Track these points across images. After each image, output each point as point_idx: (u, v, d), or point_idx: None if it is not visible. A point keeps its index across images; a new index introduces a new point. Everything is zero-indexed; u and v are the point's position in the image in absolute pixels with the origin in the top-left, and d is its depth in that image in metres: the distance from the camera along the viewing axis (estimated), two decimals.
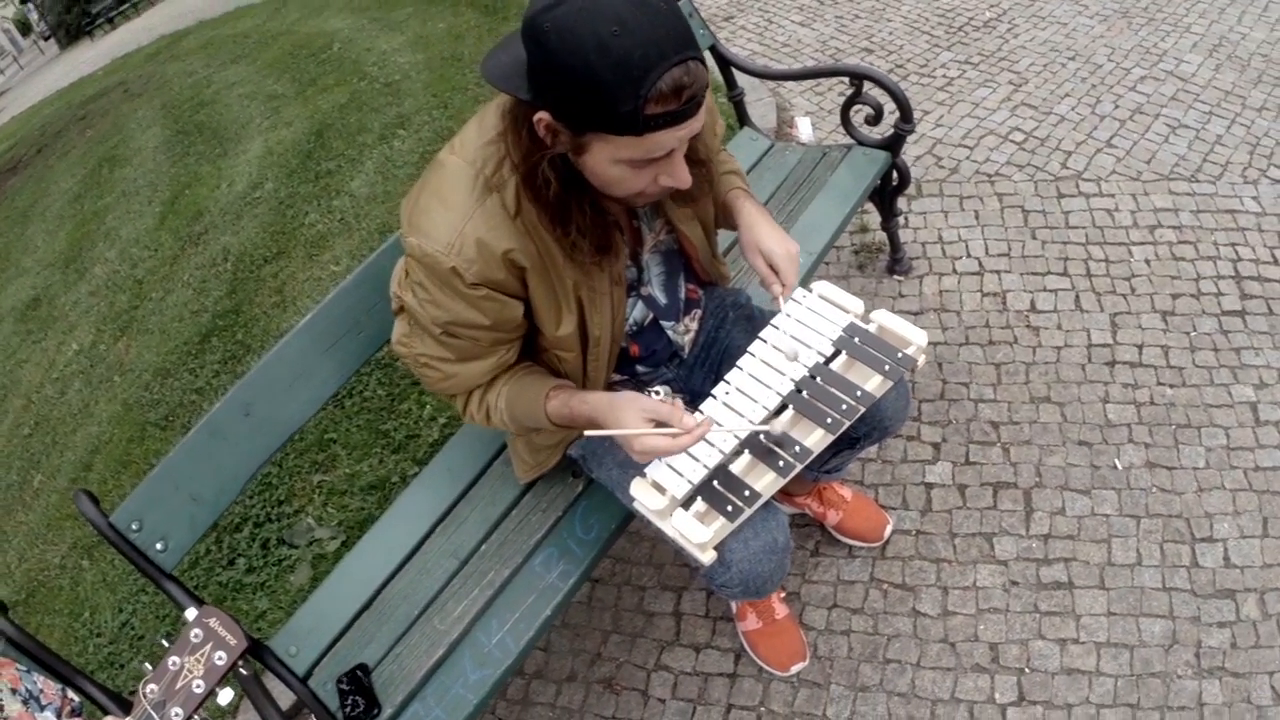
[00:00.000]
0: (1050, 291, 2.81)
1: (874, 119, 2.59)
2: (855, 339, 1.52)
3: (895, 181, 2.72)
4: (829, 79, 4.02)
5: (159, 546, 1.67)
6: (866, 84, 2.57)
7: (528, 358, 1.61)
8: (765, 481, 1.42)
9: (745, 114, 3.01)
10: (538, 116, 1.22)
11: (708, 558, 1.42)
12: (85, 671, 1.48)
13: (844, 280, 3.01)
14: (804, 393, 1.48)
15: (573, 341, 1.53)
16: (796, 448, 1.42)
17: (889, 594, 2.20)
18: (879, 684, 2.06)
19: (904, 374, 1.50)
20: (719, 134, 1.72)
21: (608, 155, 1.24)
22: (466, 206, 1.34)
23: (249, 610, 2.64)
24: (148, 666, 1.04)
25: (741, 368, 1.55)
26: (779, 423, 1.46)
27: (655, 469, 1.46)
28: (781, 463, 1.42)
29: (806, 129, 3.79)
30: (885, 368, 1.47)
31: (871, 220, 3.09)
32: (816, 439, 1.44)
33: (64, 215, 6.50)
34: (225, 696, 1.04)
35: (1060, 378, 2.56)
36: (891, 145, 2.61)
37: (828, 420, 1.43)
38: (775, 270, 1.58)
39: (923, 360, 1.50)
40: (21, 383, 4.53)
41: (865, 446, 1.82)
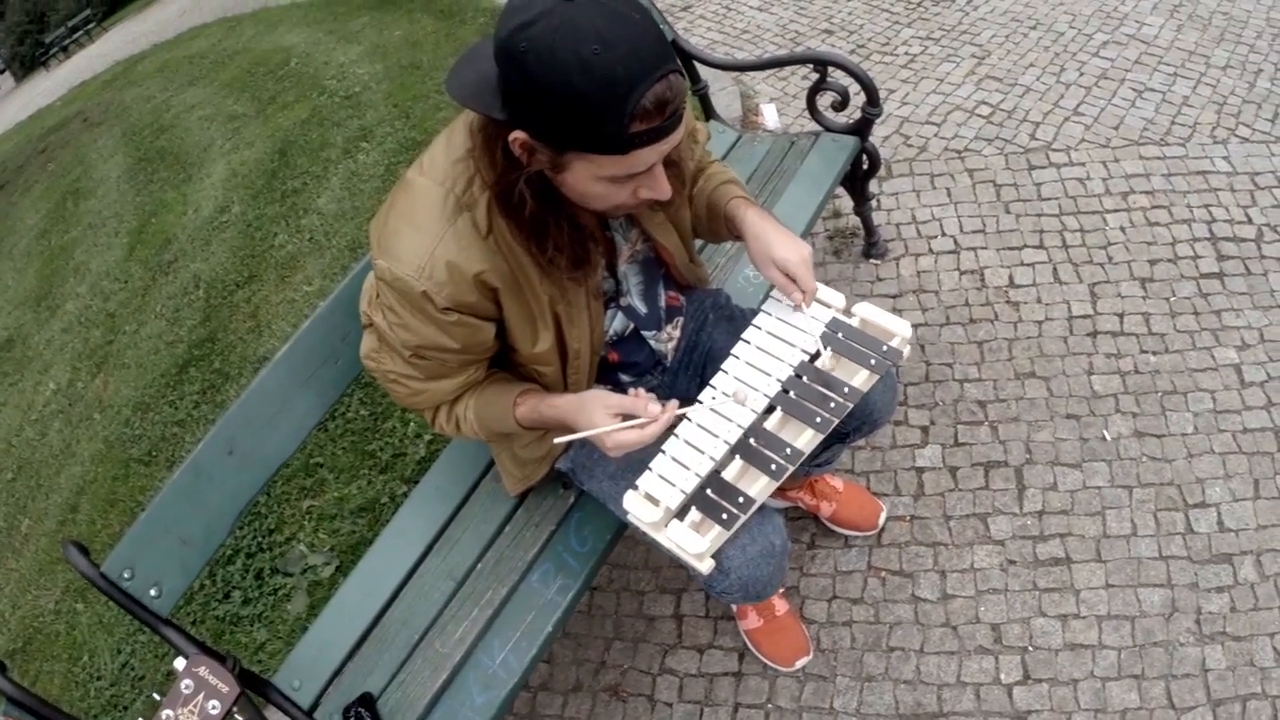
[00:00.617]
0: (1028, 265, 2.81)
1: (840, 104, 2.57)
2: (839, 334, 1.51)
3: (866, 166, 2.71)
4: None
5: (153, 593, 1.65)
6: (831, 69, 2.55)
7: (504, 370, 1.60)
8: (759, 486, 1.41)
9: (711, 107, 2.99)
10: (513, 136, 1.19)
11: (706, 567, 1.41)
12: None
13: (820, 267, 2.99)
14: (791, 393, 1.47)
15: (551, 356, 1.52)
16: (787, 450, 1.41)
17: (888, 582, 2.20)
18: (884, 673, 2.06)
19: (890, 367, 1.49)
20: (700, 140, 1.70)
21: (589, 173, 1.21)
22: (436, 228, 1.31)
23: (248, 643, 2.62)
24: None
25: (727, 371, 1.54)
26: (769, 423, 1.45)
27: (646, 480, 1.45)
28: (774, 466, 1.41)
29: (772, 115, 3.78)
30: (871, 362, 1.46)
31: (844, 205, 3.08)
32: (807, 439, 1.43)
33: (31, 252, 6.42)
34: None
35: (1043, 352, 2.56)
36: (860, 130, 2.59)
37: (817, 420, 1.42)
38: (792, 278, 1.53)
39: (908, 351, 1.49)
40: (1, 426, 4.48)
41: (855, 440, 1.81)
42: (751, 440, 1.44)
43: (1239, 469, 2.21)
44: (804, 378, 1.48)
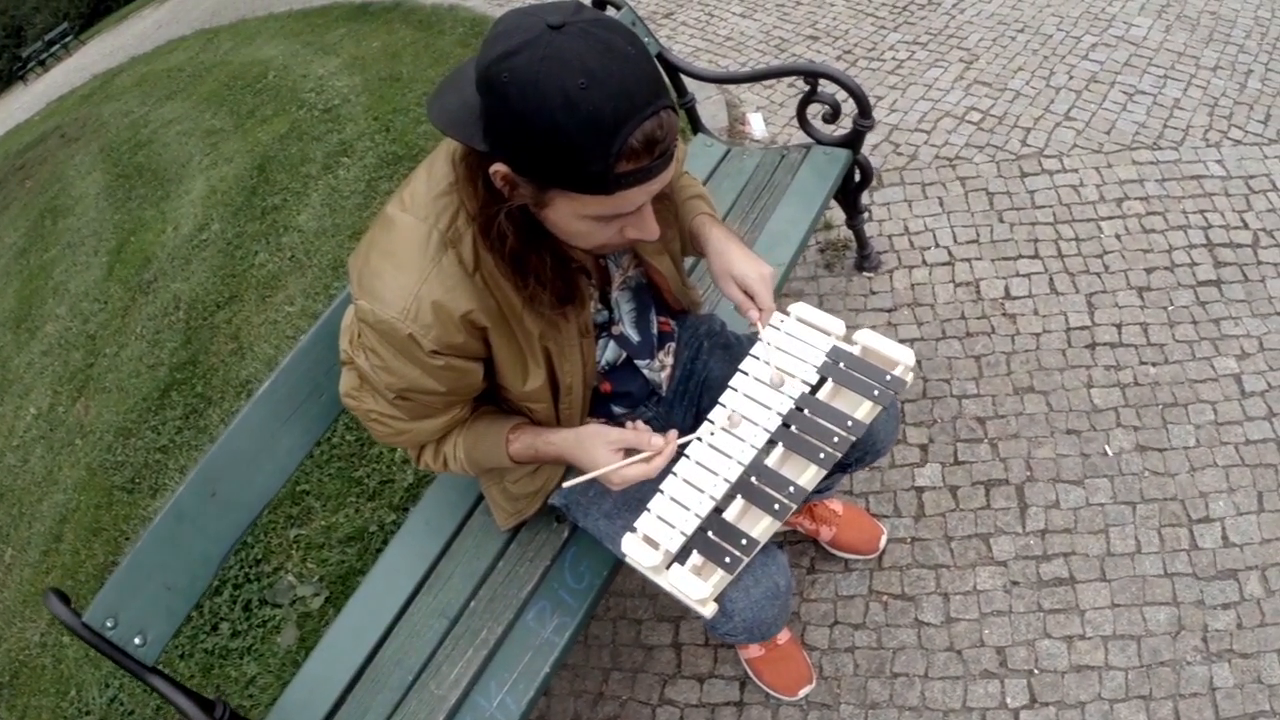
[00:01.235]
0: (1023, 276, 2.78)
1: (831, 116, 2.53)
2: (840, 364, 1.46)
3: (858, 178, 2.67)
4: None
5: (138, 641, 1.60)
6: (822, 80, 2.51)
7: (491, 403, 1.54)
8: (761, 527, 1.36)
9: (698, 120, 2.94)
10: (494, 168, 1.13)
11: (709, 611, 1.36)
12: None
13: (813, 281, 2.96)
14: (793, 427, 1.42)
15: (543, 393, 1.46)
16: (790, 488, 1.36)
17: (890, 606, 2.16)
18: (889, 699, 2.02)
19: (894, 397, 1.45)
20: (681, 160, 1.65)
21: (572, 211, 1.15)
22: (420, 267, 1.25)
23: (238, 676, 2.56)
24: None
25: (725, 404, 1.49)
26: (771, 459, 1.41)
27: (645, 521, 1.40)
28: (777, 506, 1.36)
29: (759, 124, 3.75)
30: (875, 393, 1.42)
31: (834, 217, 3.04)
32: (810, 476, 1.38)
33: (10, 272, 6.33)
34: None
35: (1042, 365, 2.53)
36: (852, 142, 2.55)
37: (820, 456, 1.37)
38: (750, 295, 1.51)
39: (910, 379, 1.45)
40: None
41: (857, 469, 1.77)
42: (753, 478, 1.39)
43: (1242, 482, 2.18)
44: (805, 410, 1.43)
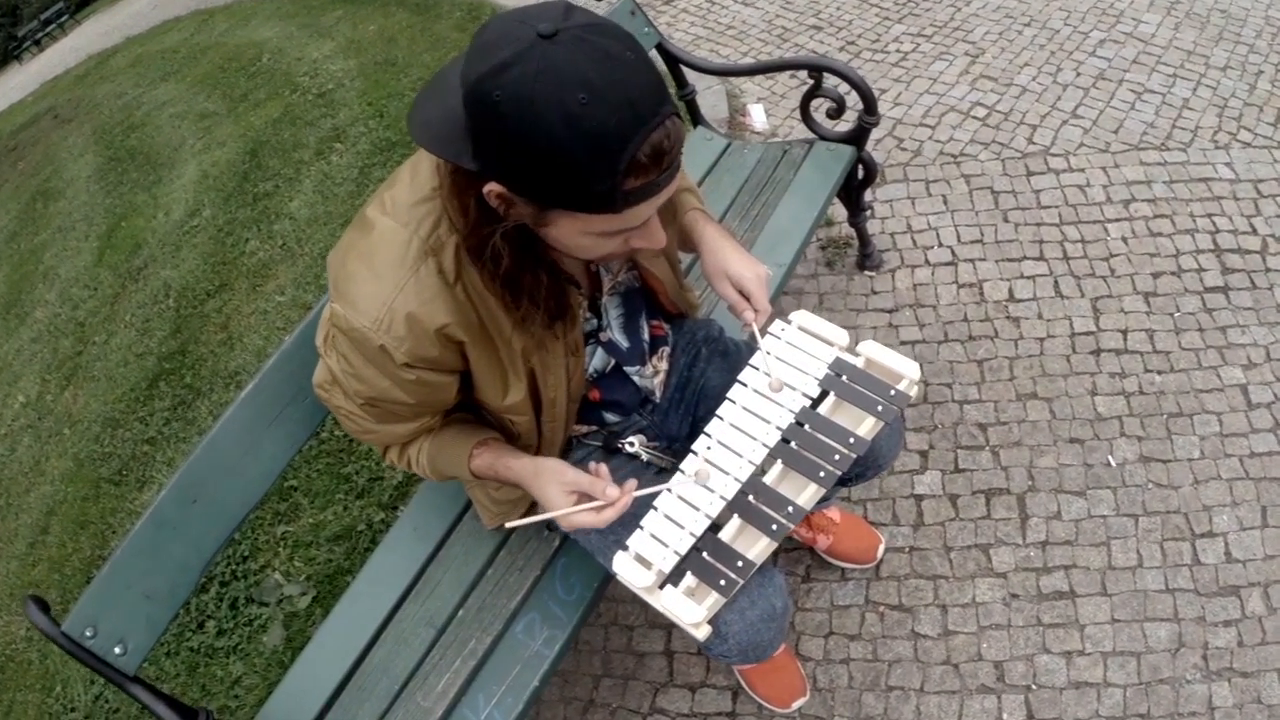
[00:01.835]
0: (1028, 278, 2.73)
1: (835, 112, 2.47)
2: (843, 377, 1.41)
3: (861, 175, 2.61)
4: None
5: (118, 650, 1.56)
6: (826, 74, 2.45)
7: (471, 412, 1.49)
8: (758, 549, 1.32)
9: (698, 112, 2.88)
10: (488, 188, 1.05)
11: (703, 634, 1.32)
12: None
13: (813, 279, 2.90)
14: (792, 443, 1.37)
15: (524, 407, 1.41)
16: (789, 508, 1.32)
17: (886, 617, 2.12)
18: (883, 713, 1.99)
19: (897, 413, 1.40)
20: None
21: (576, 229, 1.08)
22: (397, 276, 1.18)
23: (224, 676, 2.52)
24: None
25: (722, 417, 1.44)
26: (769, 477, 1.36)
27: (638, 540, 1.35)
28: (774, 526, 1.31)
29: (760, 116, 3.69)
30: (878, 408, 1.37)
31: (836, 213, 2.98)
32: (809, 495, 1.34)
33: (0, 255, 6.26)
34: None
35: (1045, 371, 2.48)
36: (856, 139, 2.49)
37: (820, 474, 1.33)
38: (745, 295, 1.46)
39: (915, 393, 1.40)
40: None
41: (857, 484, 1.72)
42: (750, 496, 1.35)
43: (1246, 496, 2.14)
44: (806, 426, 1.38)
